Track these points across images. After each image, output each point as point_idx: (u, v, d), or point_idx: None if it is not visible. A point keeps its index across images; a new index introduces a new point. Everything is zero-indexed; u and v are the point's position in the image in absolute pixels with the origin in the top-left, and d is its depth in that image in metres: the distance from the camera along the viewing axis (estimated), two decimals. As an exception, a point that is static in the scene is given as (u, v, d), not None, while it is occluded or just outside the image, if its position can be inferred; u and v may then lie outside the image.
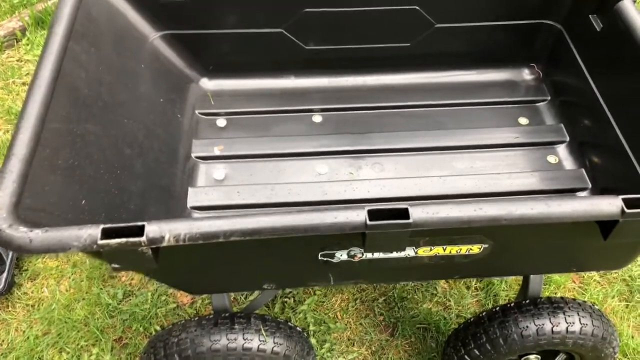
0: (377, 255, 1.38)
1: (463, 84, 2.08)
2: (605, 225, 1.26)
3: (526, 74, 2.11)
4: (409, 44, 2.02)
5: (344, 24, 1.95)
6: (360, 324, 2.14)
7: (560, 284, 2.22)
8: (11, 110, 2.76)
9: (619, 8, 1.68)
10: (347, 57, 2.03)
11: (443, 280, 2.23)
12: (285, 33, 1.96)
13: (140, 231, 1.15)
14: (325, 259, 1.38)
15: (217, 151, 1.87)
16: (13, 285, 2.18)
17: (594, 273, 2.27)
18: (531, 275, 1.70)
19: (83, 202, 1.40)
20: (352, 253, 1.37)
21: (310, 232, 1.19)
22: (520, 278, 2.19)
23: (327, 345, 2.06)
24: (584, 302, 1.70)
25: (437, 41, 2.00)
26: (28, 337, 2.06)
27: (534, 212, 1.20)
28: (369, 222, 1.17)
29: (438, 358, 2.04)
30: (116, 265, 1.23)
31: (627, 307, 2.19)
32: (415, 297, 2.20)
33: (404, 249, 1.34)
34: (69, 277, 2.22)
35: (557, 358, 1.83)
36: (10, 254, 2.17)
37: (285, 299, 2.16)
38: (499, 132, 1.96)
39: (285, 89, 2.05)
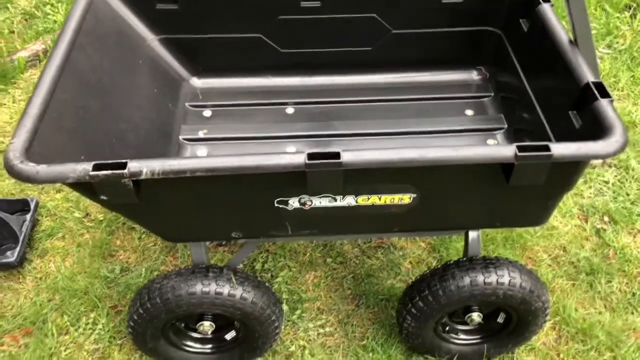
0: (323, 203, 1.65)
1: (420, 84, 2.38)
2: (507, 170, 1.53)
3: (475, 75, 2.41)
4: (370, 48, 2.34)
5: (313, 30, 2.28)
6: (330, 297, 2.38)
7: (513, 265, 2.44)
8: (31, 118, 3.11)
9: (538, 10, 1.99)
10: (317, 60, 2.35)
11: (407, 261, 2.48)
12: (264, 38, 2.29)
13: (123, 166, 1.45)
14: (280, 205, 1.65)
15: (201, 134, 2.18)
16: (25, 260, 2.47)
17: (545, 256, 2.50)
18: (469, 237, 1.95)
19: (82, 157, 1.70)
20: (302, 200, 1.64)
21: (259, 170, 1.47)
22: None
23: (298, 312, 2.30)
24: (515, 261, 1.94)
25: (395, 46, 2.32)
26: (35, 302, 2.34)
27: (444, 155, 1.47)
28: (307, 162, 1.45)
29: (397, 325, 2.26)
30: (104, 198, 1.52)
31: (573, 286, 2.41)
32: (381, 275, 2.44)
33: (342, 193, 1.60)
34: (74, 255, 2.51)
35: (498, 318, 2.06)
36: (24, 232, 2.47)
37: (263, 273, 2.42)
38: (448, 121, 2.25)
39: (263, 87, 2.37)
